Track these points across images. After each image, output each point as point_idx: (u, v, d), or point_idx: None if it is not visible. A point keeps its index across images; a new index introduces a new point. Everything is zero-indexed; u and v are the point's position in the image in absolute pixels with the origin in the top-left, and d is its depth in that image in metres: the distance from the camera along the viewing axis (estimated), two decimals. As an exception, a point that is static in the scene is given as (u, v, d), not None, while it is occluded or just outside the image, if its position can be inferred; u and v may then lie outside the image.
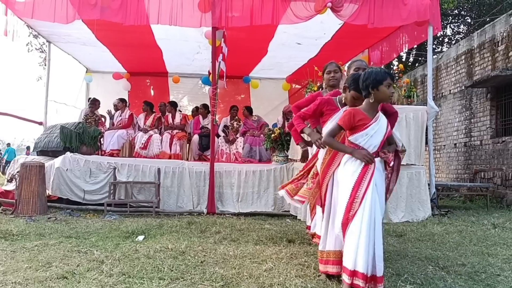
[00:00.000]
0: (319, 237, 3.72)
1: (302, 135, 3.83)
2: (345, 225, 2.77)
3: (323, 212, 3.32)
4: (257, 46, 8.92)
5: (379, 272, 2.71)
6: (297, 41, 8.64)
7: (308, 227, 4.71)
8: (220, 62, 6.94)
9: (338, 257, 3.09)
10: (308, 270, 3.33)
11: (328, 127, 3.29)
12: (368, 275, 2.68)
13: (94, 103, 9.18)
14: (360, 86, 2.93)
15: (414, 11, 6.64)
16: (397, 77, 7.01)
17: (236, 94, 12.33)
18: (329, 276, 3.11)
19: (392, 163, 2.94)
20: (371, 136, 2.84)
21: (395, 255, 3.91)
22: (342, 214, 2.79)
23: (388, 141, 3.10)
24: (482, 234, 5.09)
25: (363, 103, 2.96)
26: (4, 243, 4.17)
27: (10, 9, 6.97)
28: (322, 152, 3.35)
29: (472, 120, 9.75)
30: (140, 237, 4.56)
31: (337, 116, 3.26)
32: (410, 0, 6.67)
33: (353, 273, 2.69)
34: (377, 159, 2.87)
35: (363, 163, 2.81)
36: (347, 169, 2.86)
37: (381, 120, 2.90)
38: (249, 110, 9.41)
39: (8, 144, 25.24)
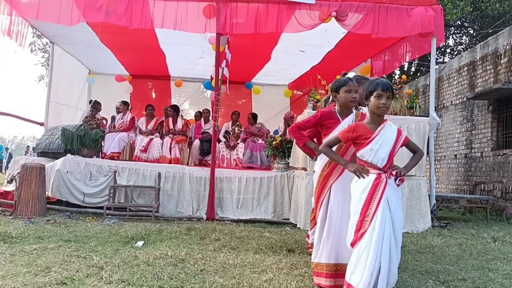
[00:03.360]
0: None
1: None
2: (354, 242, 2.74)
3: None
4: (261, 52, 8.94)
5: None
6: (301, 49, 8.67)
7: (308, 235, 4.71)
8: (223, 68, 6.95)
9: (331, 270, 3.09)
10: (308, 281, 3.31)
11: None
12: None
13: (96, 107, 9.16)
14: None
15: (418, 22, 6.65)
16: (399, 87, 6.98)
17: (237, 99, 12.36)
18: None
19: (400, 182, 2.85)
20: (377, 150, 2.80)
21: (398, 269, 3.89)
22: (353, 233, 2.75)
23: (411, 148, 3.03)
24: (482, 247, 5.07)
25: (367, 117, 2.97)
26: (3, 246, 4.16)
27: (15, 10, 6.99)
28: (320, 163, 3.34)
29: (473, 132, 9.75)
30: (140, 243, 4.55)
31: (339, 129, 3.24)
32: (414, 12, 6.68)
33: None
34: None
35: (373, 180, 2.76)
36: (359, 186, 2.80)
37: (386, 131, 2.85)
38: (254, 117, 9.40)
39: None
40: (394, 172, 2.80)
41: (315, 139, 3.68)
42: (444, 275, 3.70)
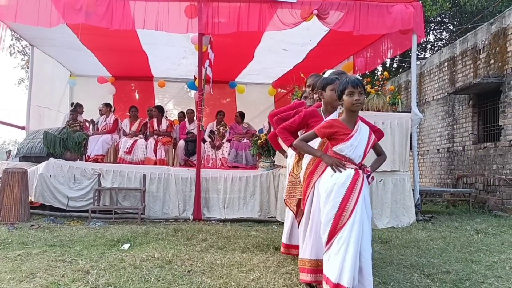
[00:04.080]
0: (290, 246, 3.85)
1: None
2: (331, 236, 2.74)
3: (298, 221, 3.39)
4: (244, 51, 8.95)
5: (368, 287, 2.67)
6: (283, 47, 8.70)
7: None
8: (206, 68, 6.93)
9: (313, 266, 3.13)
10: (296, 279, 3.33)
11: None
12: None
13: (76, 109, 9.05)
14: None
15: (398, 19, 6.73)
16: (381, 84, 7.06)
17: (222, 98, 12.35)
18: (310, 284, 3.14)
19: (371, 180, 2.92)
20: (356, 146, 2.84)
21: (381, 263, 3.95)
22: (329, 226, 2.75)
23: (377, 150, 3.12)
24: (466, 240, 5.17)
25: (343, 114, 2.99)
26: (-15, 253, 4.08)
27: (-8, 12, 6.86)
28: (305, 162, 3.38)
29: (455, 126, 9.92)
30: (126, 246, 4.52)
31: None
32: (394, 9, 6.77)
33: (337, 286, 2.63)
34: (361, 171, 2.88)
35: (352, 175, 2.79)
36: (336, 179, 2.80)
37: (362, 129, 2.90)
38: (241, 116, 9.41)
39: None
40: (369, 169, 2.87)
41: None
42: (429, 268, 3.77)
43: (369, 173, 2.87)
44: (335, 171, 2.82)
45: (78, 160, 7.61)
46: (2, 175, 6.28)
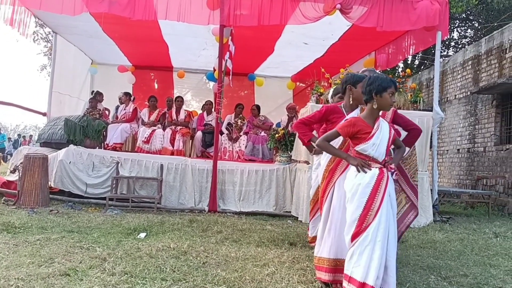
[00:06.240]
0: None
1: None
2: (355, 236, 2.71)
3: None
4: (264, 44, 8.90)
5: (391, 286, 2.65)
6: (304, 41, 8.62)
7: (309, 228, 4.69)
8: (226, 60, 6.92)
9: (331, 265, 3.10)
10: (311, 275, 3.33)
11: None
12: None
13: (95, 97, 9.16)
14: (362, 90, 2.92)
15: (423, 15, 6.60)
16: (403, 81, 6.94)
17: (240, 90, 12.32)
18: (326, 283, 3.11)
19: (396, 177, 2.88)
20: (378, 144, 2.80)
21: (397, 263, 3.88)
22: (354, 226, 2.72)
23: (396, 144, 3.09)
24: (484, 243, 5.08)
25: (365, 111, 2.94)
26: (6, 236, 4.17)
27: (18, -1, 6.95)
28: (325, 159, 3.34)
29: (477, 126, 9.72)
30: (142, 235, 4.57)
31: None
32: (419, 5, 6.63)
33: (362, 285, 2.62)
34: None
35: (377, 174, 2.75)
36: (361, 180, 2.77)
37: (383, 127, 2.85)
38: (258, 109, 9.39)
39: None
40: (392, 166, 2.83)
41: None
42: (446, 270, 3.72)
43: (393, 170, 2.82)
44: (359, 171, 2.79)
45: (97, 147, 7.71)
46: (23, 160, 6.39)
